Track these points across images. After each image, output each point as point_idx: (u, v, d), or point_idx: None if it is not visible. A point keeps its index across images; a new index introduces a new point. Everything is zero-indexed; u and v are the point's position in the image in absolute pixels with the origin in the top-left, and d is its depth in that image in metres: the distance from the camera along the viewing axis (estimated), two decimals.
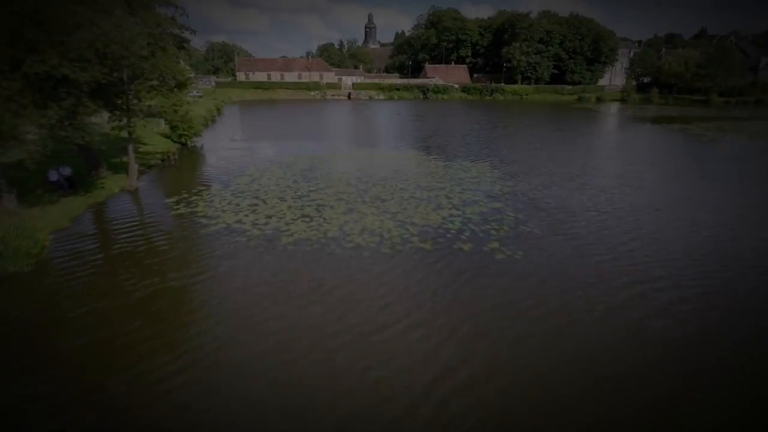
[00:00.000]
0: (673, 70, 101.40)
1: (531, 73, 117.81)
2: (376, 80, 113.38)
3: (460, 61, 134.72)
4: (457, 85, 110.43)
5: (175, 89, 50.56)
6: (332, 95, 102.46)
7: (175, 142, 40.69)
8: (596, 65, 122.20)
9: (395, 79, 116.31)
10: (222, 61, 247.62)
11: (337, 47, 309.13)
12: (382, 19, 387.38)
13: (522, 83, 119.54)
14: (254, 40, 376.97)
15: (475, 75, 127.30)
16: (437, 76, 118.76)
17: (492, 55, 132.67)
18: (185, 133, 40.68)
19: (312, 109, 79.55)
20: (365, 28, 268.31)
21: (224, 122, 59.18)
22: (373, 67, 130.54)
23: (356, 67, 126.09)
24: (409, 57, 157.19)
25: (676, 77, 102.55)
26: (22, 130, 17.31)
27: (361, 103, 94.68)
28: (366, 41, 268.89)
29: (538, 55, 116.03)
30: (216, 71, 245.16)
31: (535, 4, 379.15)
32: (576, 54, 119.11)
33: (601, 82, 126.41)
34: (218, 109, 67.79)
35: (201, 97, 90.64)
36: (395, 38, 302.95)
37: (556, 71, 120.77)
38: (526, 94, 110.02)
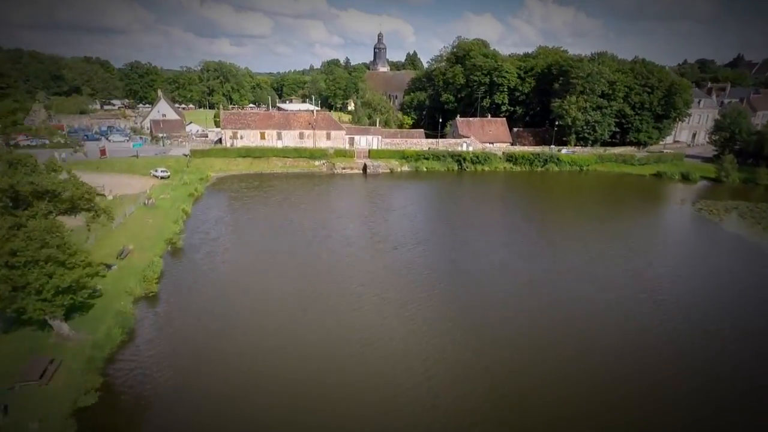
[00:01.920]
0: None
1: (588, 133, 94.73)
2: (396, 140, 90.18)
3: (494, 108, 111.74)
4: (500, 152, 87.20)
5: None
6: (343, 168, 78.97)
7: None
8: (665, 121, 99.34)
9: (420, 138, 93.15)
10: (218, 81, 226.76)
11: (343, 64, 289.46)
12: (387, 26, 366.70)
13: (576, 144, 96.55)
14: (256, 44, 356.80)
15: (515, 129, 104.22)
16: (471, 134, 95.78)
17: (533, 102, 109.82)
18: None
19: (317, 208, 56.10)
20: (374, 48, 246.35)
21: (177, 283, 35.63)
22: (390, 118, 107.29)
23: (370, 117, 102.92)
24: (430, 95, 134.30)
25: None
26: None
27: (382, 185, 71.39)
28: (375, 62, 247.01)
29: (599, 112, 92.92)
30: (211, 92, 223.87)
31: (537, 17, 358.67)
32: (643, 110, 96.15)
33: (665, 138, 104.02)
34: (173, 243, 43.96)
35: (168, 177, 67.41)
36: (406, 59, 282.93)
37: (617, 129, 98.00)
38: (587, 165, 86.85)
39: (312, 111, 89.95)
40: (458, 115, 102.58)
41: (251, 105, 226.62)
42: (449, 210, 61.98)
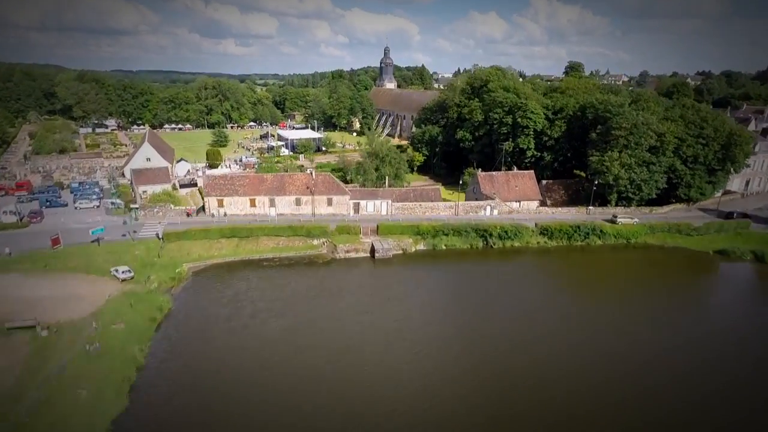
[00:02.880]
0: None
1: (633, 193, 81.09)
2: (409, 204, 77.16)
3: (518, 153, 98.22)
4: (532, 223, 73.77)
5: None
6: (346, 251, 65.92)
7: None
8: (719, 174, 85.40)
9: (436, 202, 79.94)
10: (216, 99, 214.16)
11: (348, 74, 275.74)
12: (392, 25, 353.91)
13: (617, 204, 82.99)
14: (262, 44, 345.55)
15: (544, 182, 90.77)
16: (495, 190, 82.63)
17: (563, 148, 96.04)
18: None
19: (307, 350, 41.90)
20: (381, 63, 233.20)
21: None
22: (401, 170, 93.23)
23: (377, 170, 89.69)
24: (444, 128, 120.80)
25: None
26: None
27: (392, 279, 58.26)
28: (381, 78, 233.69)
29: (646, 169, 79.21)
30: (209, 111, 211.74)
31: (543, 16, 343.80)
32: (696, 164, 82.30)
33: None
34: None
35: (132, 278, 54.93)
36: (414, 73, 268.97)
37: (665, 185, 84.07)
38: (636, 238, 73.32)
39: (311, 172, 77.01)
40: (480, 169, 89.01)
41: (251, 123, 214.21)
42: (476, 340, 48.85)
